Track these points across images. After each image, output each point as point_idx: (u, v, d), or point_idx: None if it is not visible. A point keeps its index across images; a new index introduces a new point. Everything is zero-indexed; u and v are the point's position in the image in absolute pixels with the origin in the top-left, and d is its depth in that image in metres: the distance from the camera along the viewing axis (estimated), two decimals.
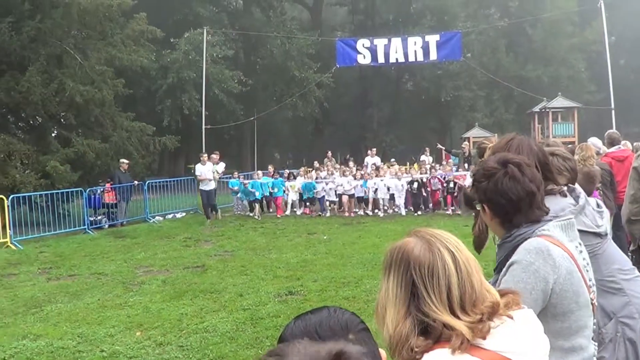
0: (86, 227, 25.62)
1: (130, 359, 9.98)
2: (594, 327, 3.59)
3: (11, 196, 23.38)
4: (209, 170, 28.68)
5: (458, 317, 2.56)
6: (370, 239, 21.31)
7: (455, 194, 27.76)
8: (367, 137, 57.76)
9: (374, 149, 37.65)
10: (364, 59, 36.22)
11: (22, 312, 12.98)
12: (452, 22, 53.17)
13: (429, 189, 28.85)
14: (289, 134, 66.43)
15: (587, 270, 3.59)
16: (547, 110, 45.05)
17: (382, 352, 2.21)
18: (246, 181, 30.99)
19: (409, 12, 59.72)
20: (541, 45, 57.85)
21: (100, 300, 13.65)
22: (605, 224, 4.36)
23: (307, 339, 2.02)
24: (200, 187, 28.73)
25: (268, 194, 30.40)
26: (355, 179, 29.58)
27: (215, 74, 41.89)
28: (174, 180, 31.94)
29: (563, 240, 3.49)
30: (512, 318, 2.63)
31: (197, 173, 29.06)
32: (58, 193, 25.76)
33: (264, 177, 31.09)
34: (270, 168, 33.00)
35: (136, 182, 28.00)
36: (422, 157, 38.27)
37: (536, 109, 46.85)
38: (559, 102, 45.17)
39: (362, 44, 36.23)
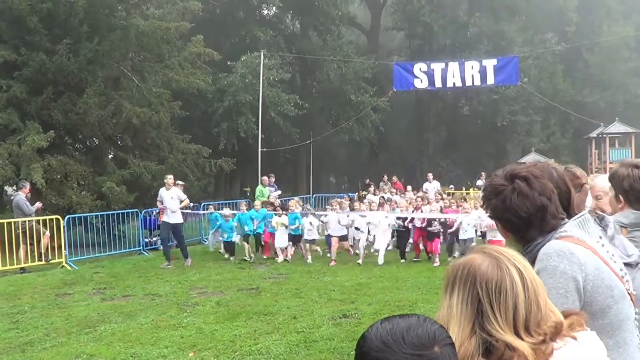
0: (141, 248, 25.73)
1: None
2: (637, 316, 3.41)
3: (67, 216, 23.56)
4: (173, 197, 22.61)
5: (521, 338, 2.47)
6: (425, 263, 21.14)
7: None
8: (423, 161, 57.66)
9: (430, 174, 37.10)
10: (421, 83, 36.15)
11: (75, 331, 12.96)
12: (508, 47, 52.92)
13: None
14: (345, 158, 66.58)
15: (615, 262, 3.41)
16: (604, 135, 44.63)
17: None
18: (226, 213, 24.75)
19: (465, 37, 59.57)
20: (598, 70, 57.39)
21: (154, 321, 13.59)
22: (636, 252, 4.16)
23: (391, 342, 2.08)
24: (163, 219, 23.02)
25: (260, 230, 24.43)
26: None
27: (271, 97, 42.04)
28: (229, 203, 31.99)
29: (583, 237, 3.34)
30: (575, 339, 2.55)
31: (158, 199, 23.46)
32: (114, 214, 25.92)
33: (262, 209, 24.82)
34: (272, 199, 28.56)
35: (192, 204, 28.02)
36: (478, 182, 38.03)
37: (593, 134, 46.50)
38: (616, 127, 44.74)
39: (419, 68, 36.17)
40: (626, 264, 3.92)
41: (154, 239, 26.60)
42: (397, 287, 16.89)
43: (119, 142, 32.64)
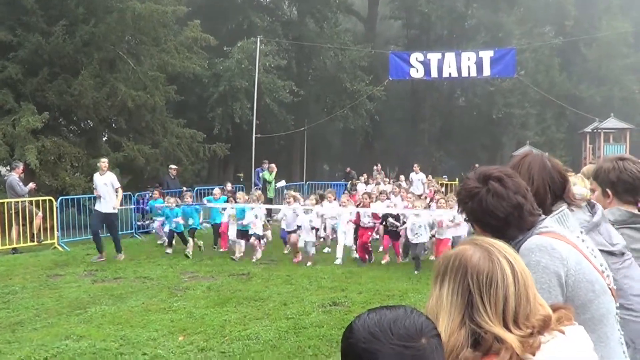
0: (133, 231, 25.73)
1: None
2: (617, 311, 3.43)
3: (60, 198, 23.55)
4: (106, 183, 19.78)
5: (510, 330, 2.49)
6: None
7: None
8: (418, 151, 57.62)
9: (417, 165, 36.46)
10: (417, 72, 36.04)
11: (66, 312, 13.00)
12: (506, 39, 52.93)
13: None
14: (339, 146, 66.53)
15: (595, 257, 3.44)
16: (599, 130, 44.62)
17: None
18: (170, 201, 21.89)
19: (463, 28, 59.53)
20: (595, 65, 57.41)
21: (144, 304, 13.63)
22: (621, 242, 4.17)
23: (379, 332, 2.09)
24: (96, 207, 20.23)
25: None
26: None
27: (267, 83, 41.91)
28: (222, 188, 31.99)
29: (563, 233, 3.36)
30: (563, 333, 2.57)
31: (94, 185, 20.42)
32: None
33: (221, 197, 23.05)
34: (229, 186, 27.38)
35: (185, 188, 27.97)
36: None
37: (588, 129, 46.49)
38: (612, 122, 44.76)
39: (415, 57, 36.06)
40: (611, 253, 3.96)
41: (147, 222, 26.58)
42: (387, 276, 16.93)
43: (113, 125, 32.66)
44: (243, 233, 20.39)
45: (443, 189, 31.22)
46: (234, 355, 10.20)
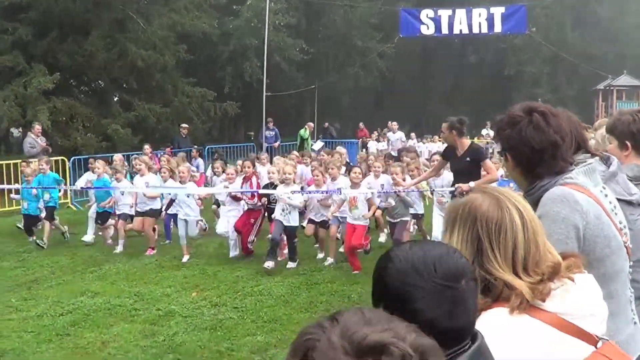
0: None
1: (185, 317, 10.07)
2: (630, 270, 3.47)
3: (72, 158, 23.66)
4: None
5: (519, 277, 2.52)
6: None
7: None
8: (428, 109, 57.30)
9: (395, 124, 35.30)
10: (428, 29, 35.68)
11: (81, 270, 13.16)
12: None
13: None
14: (350, 104, 66.26)
15: (616, 214, 3.47)
16: (612, 88, 44.27)
17: None
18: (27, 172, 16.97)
19: None
20: (608, 22, 56.65)
21: (157, 262, 13.76)
22: (639, 192, 4.16)
23: (422, 268, 2.04)
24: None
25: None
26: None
27: (277, 41, 41.68)
28: (234, 146, 32.03)
29: (587, 186, 3.39)
30: (573, 280, 2.59)
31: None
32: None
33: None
34: (147, 149, 22.86)
35: (196, 147, 27.99)
36: (483, 131, 37.91)
37: (600, 86, 46.05)
38: (625, 80, 44.34)
39: (426, 14, 35.68)
40: (629, 203, 3.97)
41: None
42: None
43: (124, 85, 32.65)
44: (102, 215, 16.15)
45: None
46: (246, 310, 10.34)
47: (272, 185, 14.15)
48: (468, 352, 2.02)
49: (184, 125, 29.02)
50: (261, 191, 14.26)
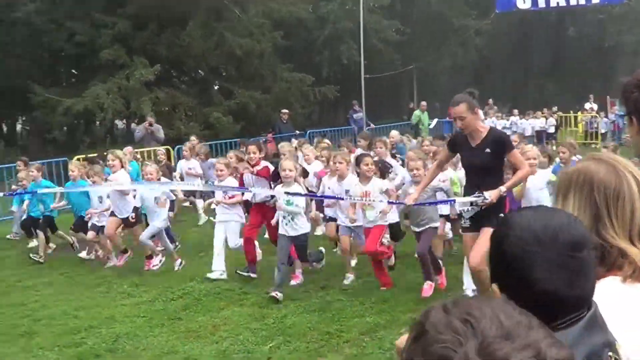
0: None
1: (293, 300, 10.12)
2: None
3: (177, 147, 24.03)
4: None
5: (635, 246, 2.43)
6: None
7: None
8: (528, 85, 56.49)
9: (490, 101, 32.54)
10: (524, 3, 35.07)
11: (189, 255, 13.31)
12: None
13: None
14: (448, 83, 65.80)
15: None
16: None
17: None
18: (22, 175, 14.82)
19: None
20: None
21: (266, 247, 13.79)
22: None
23: (544, 237, 1.97)
24: None
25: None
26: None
27: (372, 23, 41.59)
28: (334, 130, 32.07)
29: None
30: None
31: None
32: (221, 143, 26.25)
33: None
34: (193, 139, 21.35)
35: (297, 132, 28.15)
36: (586, 105, 37.16)
37: None
38: None
39: None
40: None
41: None
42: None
43: (223, 73, 33.07)
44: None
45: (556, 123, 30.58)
46: (354, 292, 10.42)
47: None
48: (583, 320, 1.97)
49: (284, 110, 29.18)
50: (256, 190, 11.49)
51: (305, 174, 12.80)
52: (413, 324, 1.43)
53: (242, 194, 11.76)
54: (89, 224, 13.27)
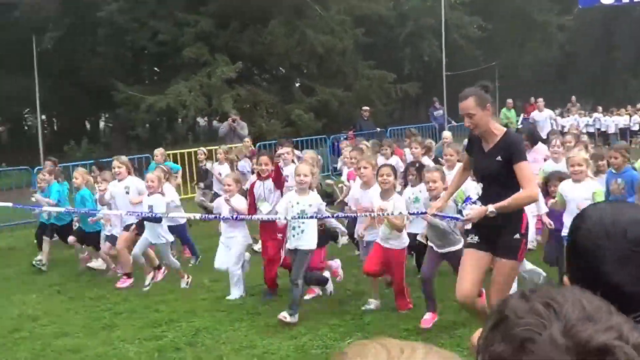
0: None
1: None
2: None
3: (258, 144, 24.19)
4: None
5: None
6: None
7: None
8: (612, 81, 55.50)
9: (541, 100, 28.46)
10: None
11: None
12: None
13: None
14: (530, 80, 65.04)
15: None
16: None
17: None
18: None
19: None
20: None
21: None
22: None
23: (613, 231, 2.02)
24: None
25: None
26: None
27: (453, 19, 41.35)
28: (416, 127, 31.92)
29: None
30: None
31: None
32: (302, 140, 26.32)
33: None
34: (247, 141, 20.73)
35: (379, 129, 28.10)
36: None
37: None
38: None
39: None
40: None
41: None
42: None
43: (304, 71, 33.20)
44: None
45: None
46: None
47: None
48: None
49: (365, 107, 29.13)
50: (263, 208, 10.64)
51: None
52: (490, 313, 1.45)
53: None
54: (102, 235, 12.72)
